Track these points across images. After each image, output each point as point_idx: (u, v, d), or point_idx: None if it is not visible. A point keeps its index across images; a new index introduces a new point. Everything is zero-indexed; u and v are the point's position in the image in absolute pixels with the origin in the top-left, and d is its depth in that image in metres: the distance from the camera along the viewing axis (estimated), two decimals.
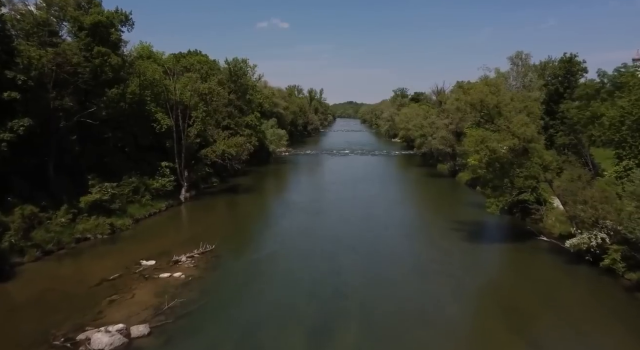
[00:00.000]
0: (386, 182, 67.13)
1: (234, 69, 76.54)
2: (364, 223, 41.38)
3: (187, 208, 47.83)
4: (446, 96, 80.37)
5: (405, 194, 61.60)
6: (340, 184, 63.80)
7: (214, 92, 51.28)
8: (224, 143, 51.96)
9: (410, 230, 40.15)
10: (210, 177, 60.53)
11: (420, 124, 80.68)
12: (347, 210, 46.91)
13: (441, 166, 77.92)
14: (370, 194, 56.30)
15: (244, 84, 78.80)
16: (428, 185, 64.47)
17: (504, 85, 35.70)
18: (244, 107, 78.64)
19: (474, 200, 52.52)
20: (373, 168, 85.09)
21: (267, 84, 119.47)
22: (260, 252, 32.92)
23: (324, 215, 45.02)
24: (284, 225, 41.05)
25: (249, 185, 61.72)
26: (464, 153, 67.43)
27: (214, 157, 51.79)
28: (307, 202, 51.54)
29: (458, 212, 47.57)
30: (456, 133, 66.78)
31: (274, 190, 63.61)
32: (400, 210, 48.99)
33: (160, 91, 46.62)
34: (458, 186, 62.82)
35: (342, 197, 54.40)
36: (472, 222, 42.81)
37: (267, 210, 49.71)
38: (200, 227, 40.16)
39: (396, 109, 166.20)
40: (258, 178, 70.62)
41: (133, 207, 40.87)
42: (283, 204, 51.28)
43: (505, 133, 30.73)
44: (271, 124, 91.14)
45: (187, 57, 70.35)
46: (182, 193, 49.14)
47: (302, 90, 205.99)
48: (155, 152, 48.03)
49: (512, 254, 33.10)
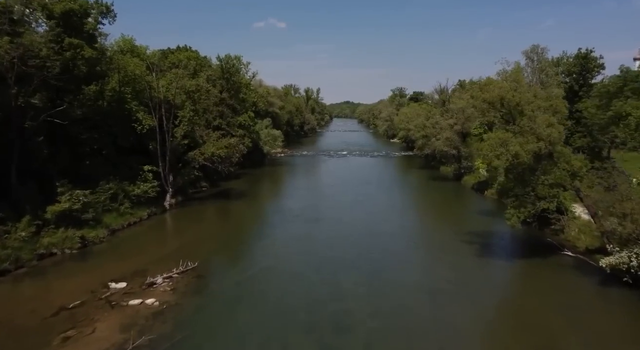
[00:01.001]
0: (387, 186, 63.27)
1: (227, 66, 72.42)
2: (365, 233, 37.50)
3: (171, 216, 43.78)
4: (449, 95, 76.57)
5: (409, 199, 57.75)
6: (339, 188, 59.90)
7: (202, 89, 47.21)
8: (212, 145, 47.92)
9: (418, 243, 36.28)
10: (199, 181, 56.52)
11: (422, 124, 76.84)
12: (347, 218, 43.02)
13: (444, 169, 74.15)
14: (371, 200, 52.43)
15: (237, 82, 74.78)
16: (432, 189, 60.65)
17: (524, 81, 31.80)
18: (236, 106, 74.69)
19: (483, 207, 48.78)
20: (372, 170, 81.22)
21: (262, 83, 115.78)
22: (250, 270, 28.94)
23: (322, 224, 41.11)
24: (277, 237, 37.11)
25: (242, 190, 57.73)
26: (469, 155, 63.88)
27: (201, 160, 47.76)
28: (303, 208, 47.63)
29: (467, 220, 43.77)
30: (462, 134, 63.09)
31: (268, 195, 59.56)
32: (405, 218, 45.13)
33: (142, 88, 42.53)
34: (464, 191, 59.05)
35: (341, 202, 50.51)
36: (484, 232, 39.04)
37: (260, 218, 45.72)
38: (184, 239, 36.18)
39: (395, 109, 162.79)
40: (251, 181, 66.61)
41: (109, 217, 36.82)
42: (277, 211, 47.33)
43: (528, 135, 26.90)
44: (266, 124, 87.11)
45: (176, 53, 66.38)
46: (166, 199, 45.10)
47: (299, 90, 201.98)
48: (137, 155, 43.93)
49: (533, 271, 29.25)
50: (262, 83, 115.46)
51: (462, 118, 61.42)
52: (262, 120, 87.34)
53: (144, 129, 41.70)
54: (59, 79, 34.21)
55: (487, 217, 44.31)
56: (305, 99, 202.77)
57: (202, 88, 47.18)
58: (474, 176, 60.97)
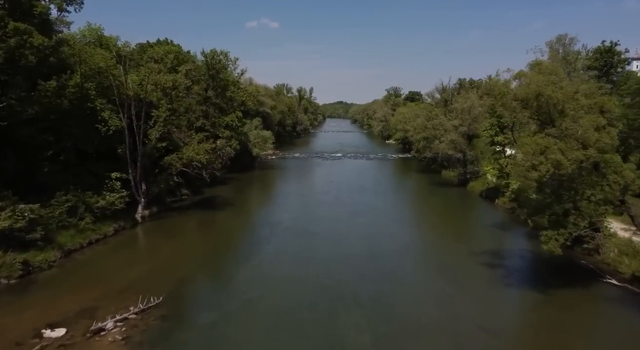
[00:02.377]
0: (387, 193, 58.05)
1: (212, 62, 66.85)
2: (367, 253, 32.16)
3: (143, 231, 38.14)
4: (451, 94, 71.51)
5: (412, 209, 52.40)
6: (335, 195, 54.56)
7: (180, 86, 41.60)
8: (191, 149, 42.32)
9: (429, 266, 30.95)
10: (179, 188, 50.86)
11: (422, 125, 71.76)
12: (345, 232, 37.68)
13: (447, 173, 69.09)
14: (370, 209, 47.14)
15: (224, 80, 69.22)
16: (436, 197, 55.44)
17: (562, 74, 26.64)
18: (223, 105, 69.16)
19: (496, 218, 43.70)
20: (369, 174, 75.98)
21: (252, 81, 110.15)
22: (229, 305, 23.48)
23: (316, 240, 35.72)
24: (265, 257, 31.66)
25: (228, 197, 52.13)
26: (475, 159, 58.84)
27: (179, 166, 42.15)
28: (295, 220, 42.23)
29: (481, 236, 38.68)
30: (467, 136, 58.04)
31: (256, 204, 53.92)
32: (410, 233, 39.87)
33: (108, 84, 36.80)
34: (471, 198, 53.96)
35: (337, 213, 45.15)
36: (503, 251, 33.97)
37: (247, 232, 40.16)
38: (153, 261, 30.58)
39: (390, 109, 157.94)
40: (239, 187, 61.04)
41: (65, 235, 31.12)
42: (267, 223, 41.83)
43: (571, 140, 21.76)
44: (255, 124, 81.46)
45: (155, 47, 60.59)
46: (138, 211, 39.43)
47: (292, 89, 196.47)
48: (104, 161, 38.25)
49: (576, 307, 23.97)
50: (252, 82, 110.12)
51: (469, 119, 56.37)
52: (252, 120, 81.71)
53: (110, 130, 35.97)
54: (0, 70, 28.58)
55: (502, 232, 39.22)
56: (298, 99, 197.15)
57: (180, 84, 41.54)
58: (481, 182, 55.96)
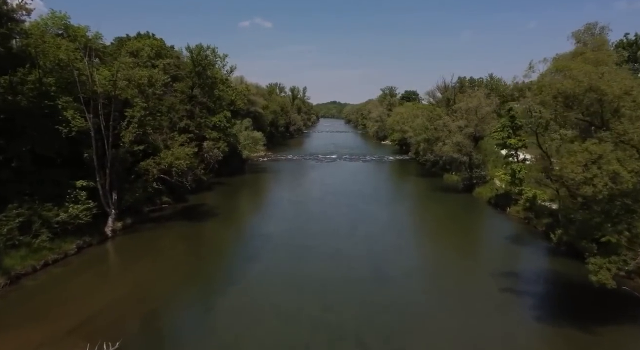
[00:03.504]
0: (387, 200, 53.61)
1: (198, 58, 62.06)
2: (372, 276, 27.68)
3: (113, 248, 33.37)
4: (453, 92, 67.23)
5: (416, 218, 47.74)
6: (331, 203, 50.03)
7: (158, 82, 36.83)
8: (171, 153, 37.59)
9: (442, 292, 26.42)
10: (159, 196, 46.09)
11: (423, 126, 67.49)
12: (344, 249, 33.16)
13: (449, 177, 64.73)
14: (371, 220, 42.68)
15: (212, 77, 64.50)
16: (441, 204, 50.96)
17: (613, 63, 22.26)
18: (210, 105, 64.43)
19: (511, 230, 39.45)
20: (367, 178, 71.56)
21: (243, 80, 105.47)
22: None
23: (311, 259, 31.16)
24: (252, 283, 27.04)
25: (214, 206, 47.41)
26: (482, 163, 54.62)
27: (156, 172, 37.42)
28: (288, 233, 37.66)
29: (495, 251, 34.37)
30: (474, 138, 53.79)
31: (245, 213, 49.06)
32: (417, 249, 35.46)
33: (72, 79, 31.97)
34: (478, 206, 49.66)
35: (334, 224, 40.65)
36: (524, 271, 29.72)
37: (232, 249, 35.43)
38: (118, 289, 25.79)
39: (386, 109, 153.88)
40: (227, 193, 56.33)
41: (14, 256, 26.38)
42: (256, 237, 37.20)
43: (628, 147, 17.42)
44: (246, 124, 76.74)
45: (134, 41, 55.71)
46: (108, 224, 34.65)
47: (284, 89, 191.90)
48: (68, 168, 33.42)
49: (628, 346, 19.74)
50: (243, 80, 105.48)
51: (475, 119, 52.11)
52: (242, 120, 77.01)
53: (72, 131, 31.13)
54: None
55: (520, 247, 34.93)
56: (291, 98, 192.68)
57: (157, 80, 36.76)
58: (489, 188, 51.72)
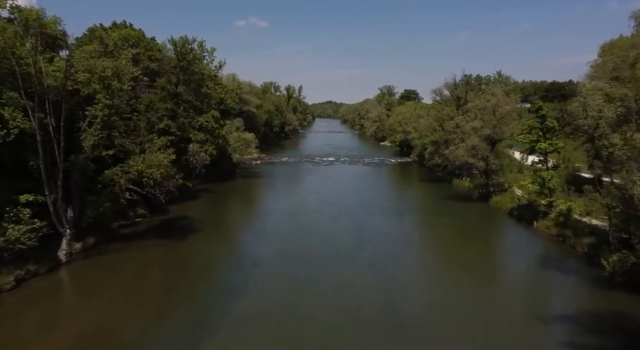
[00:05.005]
0: (393, 211, 47.50)
1: (182, 52, 55.92)
2: (382, 318, 21.73)
3: (66, 278, 27.18)
4: (464, 89, 61.33)
5: (430, 235, 40.65)
6: (331, 215, 44.01)
7: (125, 74, 30.64)
8: (141, 160, 31.45)
9: (480, 344, 20.47)
10: (133, 207, 39.95)
11: (430, 127, 61.69)
12: (349, 279, 27.17)
13: (459, 183, 59.05)
14: (376, 237, 36.70)
15: (198, 73, 58.41)
16: (456, 216, 44.58)
17: None
18: (197, 103, 58.31)
19: (541, 250, 33.84)
20: (368, 184, 65.55)
21: (235, 78, 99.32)
22: None
23: (308, 297, 25.13)
24: (233, 333, 21.02)
25: (197, 219, 41.23)
26: (500, 168, 48.82)
27: (123, 182, 31.27)
28: (282, 257, 31.62)
29: (533, 281, 28.60)
30: (491, 140, 47.97)
31: (232, 229, 42.30)
32: (437, 276, 29.34)
33: (10, 69, 25.80)
34: (498, 218, 43.79)
35: (336, 244, 34.67)
36: (580, 312, 23.87)
37: (213, 279, 28.96)
38: (59, 344, 19.66)
39: (385, 109, 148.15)
40: (214, 203, 50.23)
41: None
42: (242, 263, 31.12)
43: None
44: (236, 125, 70.48)
45: (109, 31, 49.47)
46: (62, 247, 28.46)
47: (280, 88, 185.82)
48: (8, 179, 27.24)
49: None
50: (235, 78, 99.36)
51: (493, 119, 46.26)
52: (232, 120, 70.81)
53: (11, 134, 24.93)
54: None
55: (562, 275, 29.07)
56: (287, 98, 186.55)
57: (124, 73, 30.57)
58: (509, 197, 45.92)
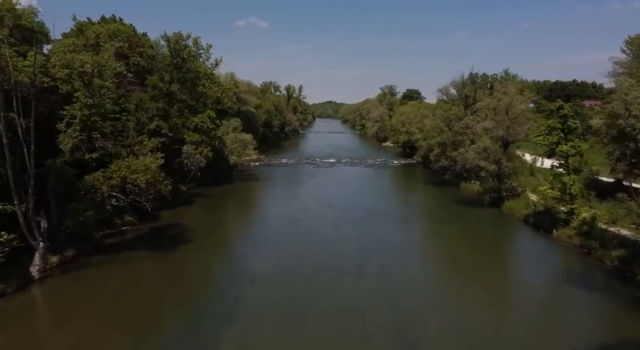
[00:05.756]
0: (399, 218, 44.45)
1: (176, 48, 53.02)
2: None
3: (39, 297, 24.23)
4: (473, 88, 58.37)
5: (441, 246, 36.94)
6: (333, 222, 41.10)
7: (107, 70, 27.72)
8: (125, 165, 28.53)
9: None
10: (120, 214, 37.03)
11: (437, 127, 58.75)
12: (356, 301, 24.25)
13: (467, 186, 56.12)
14: (384, 248, 33.72)
15: (194, 71, 55.54)
16: (467, 223, 41.34)
17: None
18: (192, 103, 55.47)
19: (566, 262, 30.83)
20: (372, 188, 62.55)
21: (233, 77, 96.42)
22: None
23: (309, 325, 22.19)
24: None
25: (189, 227, 38.33)
26: (513, 172, 45.86)
27: (105, 189, 28.36)
28: (279, 272, 28.69)
29: (567, 302, 25.55)
30: (503, 142, 45.01)
31: (226, 239, 38.56)
32: (454, 296, 26.20)
33: None
34: (512, 225, 40.82)
35: (340, 257, 31.76)
36: (618, 338, 20.88)
37: (202, 300, 25.71)
38: None
39: (386, 109, 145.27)
40: (208, 208, 47.30)
41: None
42: (236, 279, 28.14)
43: None
44: (233, 125, 67.52)
45: (98, 26, 46.56)
46: (34, 262, 25.53)
47: (279, 87, 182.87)
48: None
49: None
50: (233, 77, 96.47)
51: (507, 120, 43.32)
52: (229, 121, 67.89)
53: None
54: None
55: (593, 294, 26.08)
56: (287, 97, 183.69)
57: (106, 68, 27.66)
58: (523, 202, 42.95)
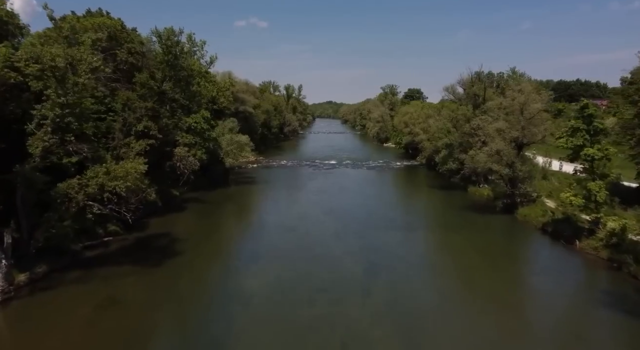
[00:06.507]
0: (407, 226, 41.20)
1: (167, 44, 49.91)
2: None
3: (4, 320, 21.21)
4: (483, 87, 55.25)
5: (455, 259, 32.73)
6: (335, 232, 37.99)
7: (82, 64, 24.64)
8: (103, 171, 25.43)
9: None
10: (104, 224, 33.91)
11: (444, 128, 55.71)
12: (362, 330, 21.17)
13: (476, 191, 53.11)
14: (392, 264, 30.53)
15: (187, 69, 52.45)
16: (480, 232, 37.96)
17: None
18: (185, 102, 52.46)
19: (597, 279, 27.77)
20: (375, 192, 59.45)
21: (231, 76, 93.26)
22: None
23: None
24: None
25: (178, 237, 35.17)
26: (529, 176, 42.76)
27: (81, 198, 25.27)
28: (275, 293, 25.60)
29: (599, 322, 22.52)
30: (517, 144, 41.94)
31: (218, 251, 34.30)
32: (472, 320, 22.98)
33: None
34: (530, 234, 37.74)
35: (343, 273, 28.66)
36: None
37: (185, 327, 22.66)
38: None
39: (388, 109, 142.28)
40: (201, 215, 44.21)
41: None
42: (226, 303, 25.04)
43: None
44: (229, 126, 64.40)
45: (82, 21, 43.44)
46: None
47: (279, 87, 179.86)
48: None
49: None
50: (231, 76, 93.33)
51: (522, 120, 40.25)
52: (224, 121, 64.81)
53: None
54: None
55: (629, 316, 22.99)
56: (286, 97, 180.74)
57: (82, 63, 24.59)
58: (539, 209, 39.88)
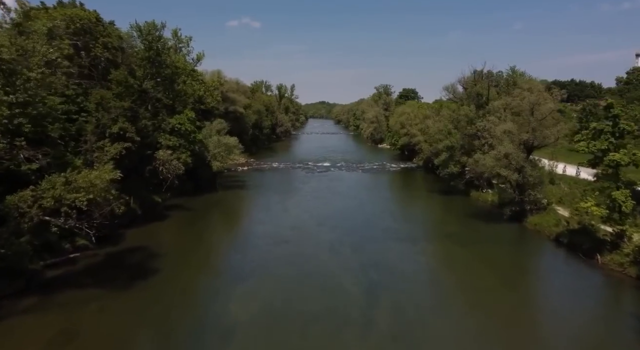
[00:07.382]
0: (408, 237, 37.94)
1: (149, 40, 46.20)
2: None
3: None
4: (486, 86, 52.05)
5: (465, 276, 29.25)
6: (330, 244, 34.58)
7: (36, 56, 20.95)
8: (61, 181, 21.79)
9: None
10: (72, 237, 30.16)
11: (445, 129, 52.51)
12: None
13: (480, 196, 50.01)
14: (394, 282, 27.20)
15: (171, 66, 48.85)
16: (488, 245, 34.63)
17: None
18: (168, 102, 48.83)
19: (628, 303, 24.50)
20: (372, 197, 56.01)
21: (220, 74, 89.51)
22: None
23: None
24: None
25: (156, 251, 31.49)
26: (539, 182, 39.63)
27: (35, 212, 21.62)
28: (261, 323, 22.12)
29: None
30: (526, 147, 38.78)
31: (200, 268, 30.29)
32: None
33: None
34: (543, 246, 34.62)
35: (340, 296, 25.27)
36: None
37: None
38: None
39: (382, 109, 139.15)
40: (183, 225, 40.51)
41: None
42: (203, 337, 21.59)
43: None
44: (217, 127, 60.66)
45: (51, 12, 39.62)
46: None
47: (271, 87, 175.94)
48: None
49: None
50: (220, 74, 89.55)
51: (533, 121, 37.08)
52: (211, 122, 61.10)
53: None
54: None
55: None
56: (278, 97, 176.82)
57: (35, 55, 20.94)
58: (551, 218, 36.78)
